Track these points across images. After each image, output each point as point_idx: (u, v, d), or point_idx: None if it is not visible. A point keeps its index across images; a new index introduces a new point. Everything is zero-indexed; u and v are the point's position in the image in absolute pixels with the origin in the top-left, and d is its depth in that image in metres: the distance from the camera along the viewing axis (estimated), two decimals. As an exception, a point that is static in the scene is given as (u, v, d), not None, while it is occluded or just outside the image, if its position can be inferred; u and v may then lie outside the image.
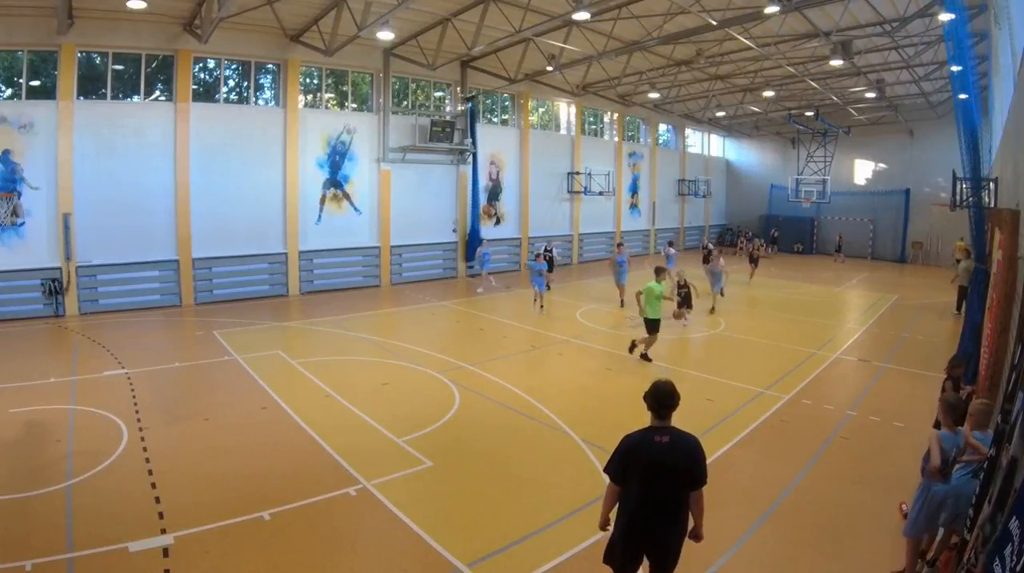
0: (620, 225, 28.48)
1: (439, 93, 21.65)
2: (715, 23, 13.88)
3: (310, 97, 18.41)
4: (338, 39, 15.06)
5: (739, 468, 6.64)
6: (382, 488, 6.02)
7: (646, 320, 10.77)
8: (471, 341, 13.10)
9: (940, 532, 4.71)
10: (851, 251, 29.85)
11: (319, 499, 5.81)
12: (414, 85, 20.82)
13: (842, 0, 12.58)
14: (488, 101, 23.14)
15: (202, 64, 16.15)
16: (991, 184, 10.67)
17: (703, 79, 22.27)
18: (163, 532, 5.13)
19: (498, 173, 22.90)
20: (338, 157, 18.34)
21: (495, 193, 22.86)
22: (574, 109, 25.87)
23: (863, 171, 30.75)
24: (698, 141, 34.94)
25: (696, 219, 34.27)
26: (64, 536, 5.05)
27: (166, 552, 4.86)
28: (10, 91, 13.74)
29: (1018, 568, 2.45)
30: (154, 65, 15.30)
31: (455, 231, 21.46)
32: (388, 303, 17.17)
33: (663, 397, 3.61)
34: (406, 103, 20.58)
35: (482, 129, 21.61)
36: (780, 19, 14.37)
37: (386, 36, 15.25)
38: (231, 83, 17.08)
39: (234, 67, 16.87)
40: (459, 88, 21.08)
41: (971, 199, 10.87)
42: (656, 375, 10.00)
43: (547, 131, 25.37)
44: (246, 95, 17.10)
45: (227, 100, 16.81)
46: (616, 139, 28.38)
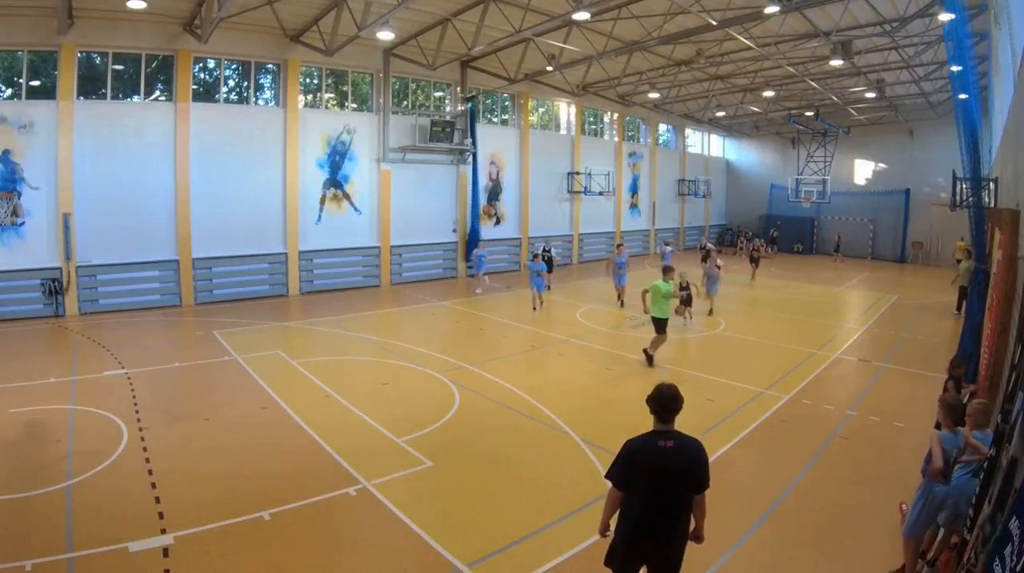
0: (620, 225, 28.47)
1: (439, 93, 21.66)
2: (715, 23, 13.89)
3: (310, 97, 18.41)
4: (338, 39, 15.07)
5: (739, 468, 6.64)
6: (382, 488, 6.02)
7: (653, 319, 10.66)
8: (471, 341, 13.10)
9: (940, 532, 4.71)
10: (851, 251, 29.86)
11: (319, 499, 5.81)
12: (414, 85, 20.83)
13: (842, 0, 12.59)
14: (488, 101, 23.14)
15: (202, 64, 16.15)
16: (991, 184, 10.67)
17: (703, 79, 22.28)
18: (163, 532, 5.14)
19: (498, 173, 22.90)
20: (338, 157, 18.35)
21: (495, 193, 22.86)
22: (574, 109, 25.87)
23: (863, 171, 30.75)
24: (698, 141, 34.94)
25: (696, 219, 34.27)
26: (64, 536, 5.05)
27: (166, 552, 4.86)
28: (10, 91, 13.75)
29: (1018, 568, 2.45)
30: (154, 65, 15.30)
31: (455, 231, 21.47)
32: (388, 303, 17.17)
33: (667, 401, 3.55)
34: (406, 103, 20.58)
35: (482, 129, 21.61)
36: (780, 19, 14.38)
37: (386, 36, 15.25)
38: (231, 83, 17.09)
39: (234, 67, 16.87)
40: (459, 88, 21.08)
41: (971, 199, 10.87)
42: (657, 375, 10.06)
43: (547, 131, 25.37)
44: (246, 95, 17.10)
45: (227, 100, 16.81)
46: (616, 139, 28.38)
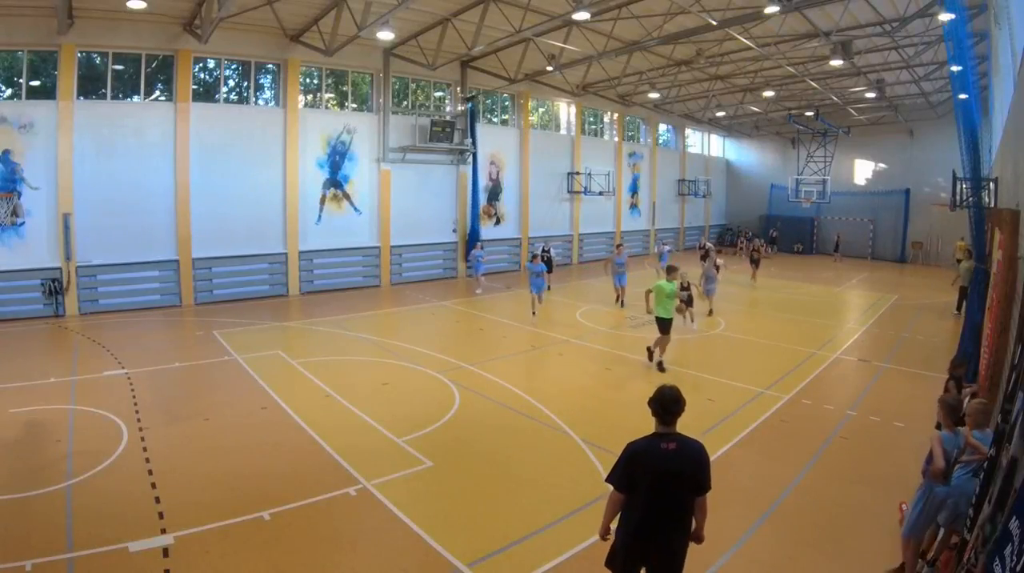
0: (620, 225, 28.47)
1: (439, 93, 21.65)
2: (715, 23, 13.89)
3: (310, 97, 18.41)
4: (338, 39, 15.07)
5: (739, 468, 6.64)
6: (382, 488, 6.02)
7: (657, 320, 10.50)
8: (471, 341, 13.10)
9: (940, 532, 4.71)
10: (851, 251, 29.86)
11: (319, 499, 5.81)
12: (414, 85, 20.82)
13: (842, 0, 12.59)
14: (488, 101, 23.13)
15: (202, 64, 16.15)
16: (991, 184, 10.67)
17: (703, 79, 22.27)
18: (163, 532, 5.14)
19: (498, 173, 22.90)
20: (338, 157, 18.34)
21: (495, 193, 22.86)
22: (574, 109, 25.87)
23: (863, 171, 30.74)
24: (698, 141, 34.93)
25: (696, 219, 34.27)
26: (64, 536, 5.05)
27: (166, 552, 4.86)
28: (10, 91, 13.75)
29: (1018, 568, 2.45)
30: (154, 65, 15.30)
31: (455, 231, 21.47)
32: (388, 303, 17.17)
33: (669, 403, 3.51)
34: (406, 103, 20.58)
35: (482, 129, 21.61)
36: (780, 19, 14.38)
37: (386, 36, 15.25)
38: (231, 83, 17.08)
39: (234, 67, 16.87)
40: (459, 88, 21.08)
41: (971, 199, 10.87)
42: (660, 376, 10.06)
43: (547, 131, 25.37)
44: (246, 95, 17.10)
45: (227, 100, 16.80)
46: (616, 139, 28.38)
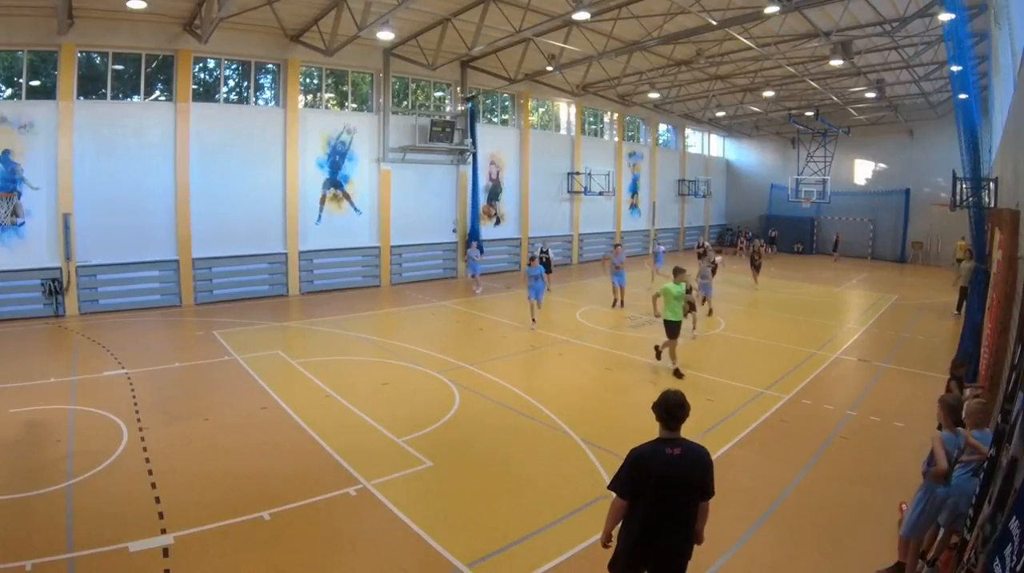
0: (620, 225, 28.47)
1: (439, 93, 21.66)
2: (715, 23, 13.89)
3: (310, 97, 18.41)
4: (338, 39, 15.07)
5: (739, 468, 6.63)
6: (382, 488, 6.02)
7: (665, 322, 10.23)
8: (471, 341, 13.10)
9: (940, 532, 4.71)
10: (851, 251, 29.87)
11: (319, 499, 5.81)
12: (414, 85, 20.82)
13: (842, 0, 12.59)
14: (488, 101, 23.13)
15: (202, 64, 16.15)
16: (991, 184, 10.68)
17: (703, 79, 22.27)
18: (163, 532, 5.14)
19: (498, 173, 22.90)
20: (338, 157, 18.34)
21: (495, 193, 22.86)
22: (574, 109, 25.87)
23: (863, 171, 30.75)
24: (698, 141, 34.93)
25: (696, 219, 34.26)
26: (64, 536, 5.05)
27: (166, 552, 4.86)
28: (10, 91, 13.74)
29: (1018, 568, 2.45)
30: (154, 65, 15.30)
31: (455, 231, 21.47)
32: (388, 303, 17.17)
33: (674, 408, 3.47)
34: (406, 103, 20.58)
35: (482, 129, 21.62)
36: (780, 19, 14.38)
37: (386, 36, 15.24)
38: (231, 83, 17.08)
39: (234, 67, 16.87)
40: (459, 88, 21.08)
41: (971, 199, 10.88)
42: (655, 375, 10.06)
43: (547, 131, 25.37)
44: (246, 95, 17.10)
45: (227, 100, 16.81)
46: (616, 139, 28.38)
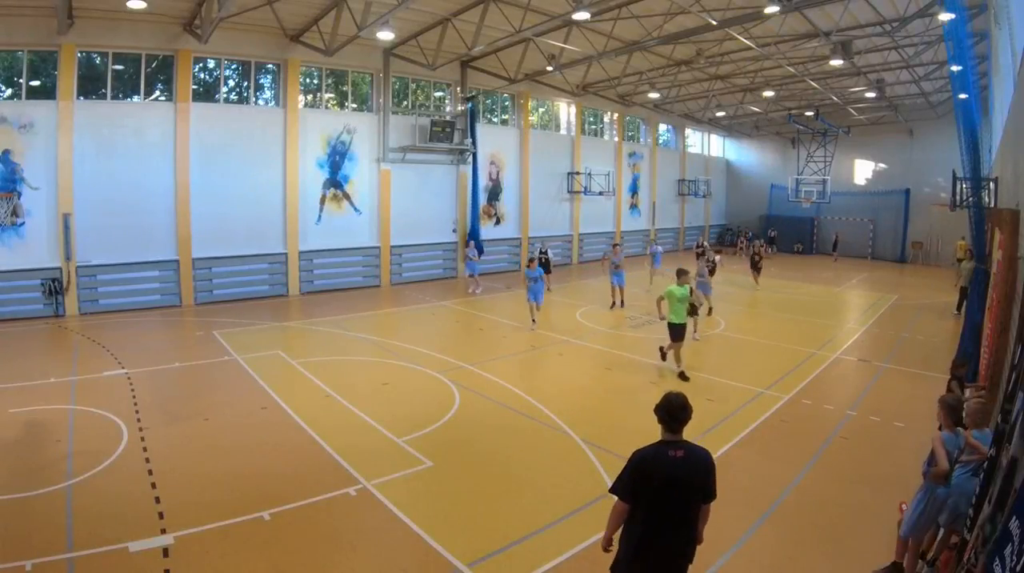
0: (620, 225, 28.47)
1: (439, 93, 21.65)
2: (715, 23, 13.89)
3: (310, 97, 18.41)
4: (338, 39, 15.06)
5: (739, 468, 6.63)
6: (382, 488, 6.03)
7: (670, 325, 10.03)
8: (471, 341, 13.10)
9: (940, 532, 4.71)
10: (851, 251, 29.88)
11: (319, 499, 5.81)
12: (414, 85, 20.82)
13: (842, 0, 12.59)
14: (488, 101, 23.13)
15: (202, 64, 16.14)
16: (991, 184, 10.68)
17: (703, 79, 22.27)
18: (163, 532, 5.14)
19: (498, 173, 22.90)
20: (338, 157, 18.34)
21: (495, 193, 22.86)
22: (574, 109, 25.87)
23: (863, 171, 30.75)
24: (698, 141, 34.93)
25: (696, 219, 34.26)
26: (64, 536, 5.05)
27: (166, 552, 4.86)
28: (10, 91, 13.74)
29: (1018, 568, 2.44)
30: (154, 65, 15.30)
31: (455, 231, 21.47)
32: (388, 303, 17.17)
33: (677, 410, 3.45)
34: (406, 103, 20.58)
35: (482, 129, 21.61)
36: (780, 19, 14.37)
37: (386, 36, 15.24)
38: (231, 83, 17.08)
39: (234, 67, 16.87)
40: (459, 88, 21.08)
41: (971, 199, 10.88)
42: (656, 375, 10.06)
43: (547, 131, 25.37)
44: (246, 95, 17.10)
45: (227, 100, 16.80)
46: (616, 139, 28.38)
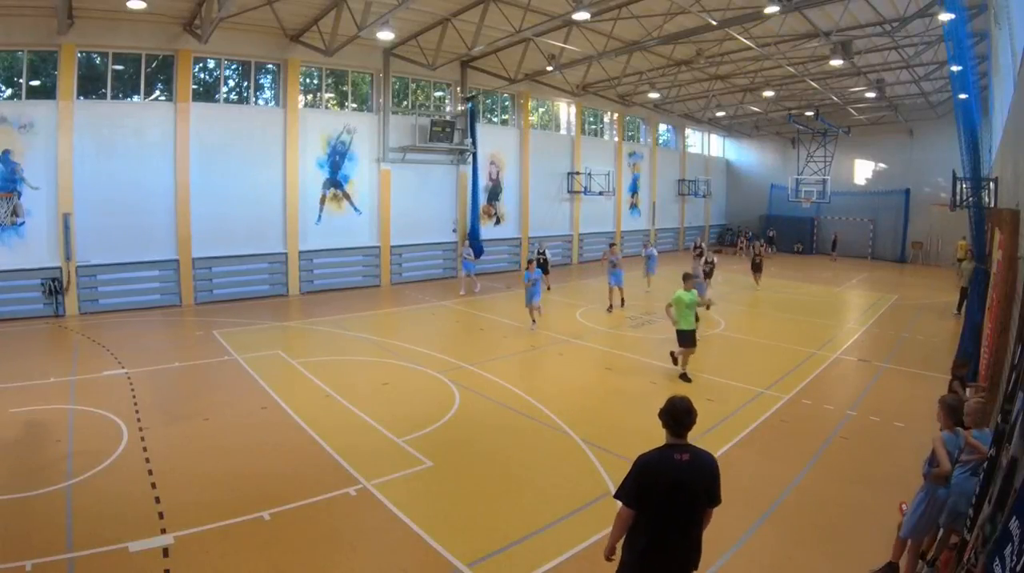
0: (620, 225, 28.47)
1: (439, 93, 21.65)
2: (715, 23, 13.89)
3: (310, 97, 18.41)
4: (338, 39, 15.07)
5: (739, 468, 6.63)
6: (382, 488, 6.03)
7: (679, 332, 9.84)
8: (471, 341, 13.10)
9: (940, 532, 4.71)
10: (851, 251, 29.88)
11: (319, 499, 5.81)
12: (414, 85, 20.82)
13: (842, 0, 12.59)
14: (488, 101, 23.13)
15: (202, 64, 16.14)
16: (991, 184, 10.68)
17: (703, 79, 22.27)
18: (163, 532, 5.14)
19: (498, 173, 22.90)
20: (338, 157, 18.34)
21: (495, 193, 22.86)
22: (574, 109, 25.87)
23: (863, 171, 30.74)
24: (698, 141, 34.93)
25: (696, 219, 34.26)
26: (64, 536, 5.05)
27: (166, 552, 4.86)
28: (10, 91, 13.74)
29: (1018, 568, 2.44)
30: (154, 65, 15.30)
31: (455, 231, 21.47)
32: (388, 303, 17.17)
33: (681, 415, 3.42)
34: (406, 103, 20.58)
35: (482, 129, 21.61)
36: (780, 19, 14.37)
37: (386, 36, 15.24)
38: (231, 83, 17.08)
39: (234, 67, 16.87)
40: (459, 88, 21.08)
41: (971, 199, 10.88)
42: (656, 375, 10.06)
43: (547, 131, 25.37)
44: (246, 95, 17.10)
45: (227, 100, 16.80)
46: (616, 139, 28.38)
